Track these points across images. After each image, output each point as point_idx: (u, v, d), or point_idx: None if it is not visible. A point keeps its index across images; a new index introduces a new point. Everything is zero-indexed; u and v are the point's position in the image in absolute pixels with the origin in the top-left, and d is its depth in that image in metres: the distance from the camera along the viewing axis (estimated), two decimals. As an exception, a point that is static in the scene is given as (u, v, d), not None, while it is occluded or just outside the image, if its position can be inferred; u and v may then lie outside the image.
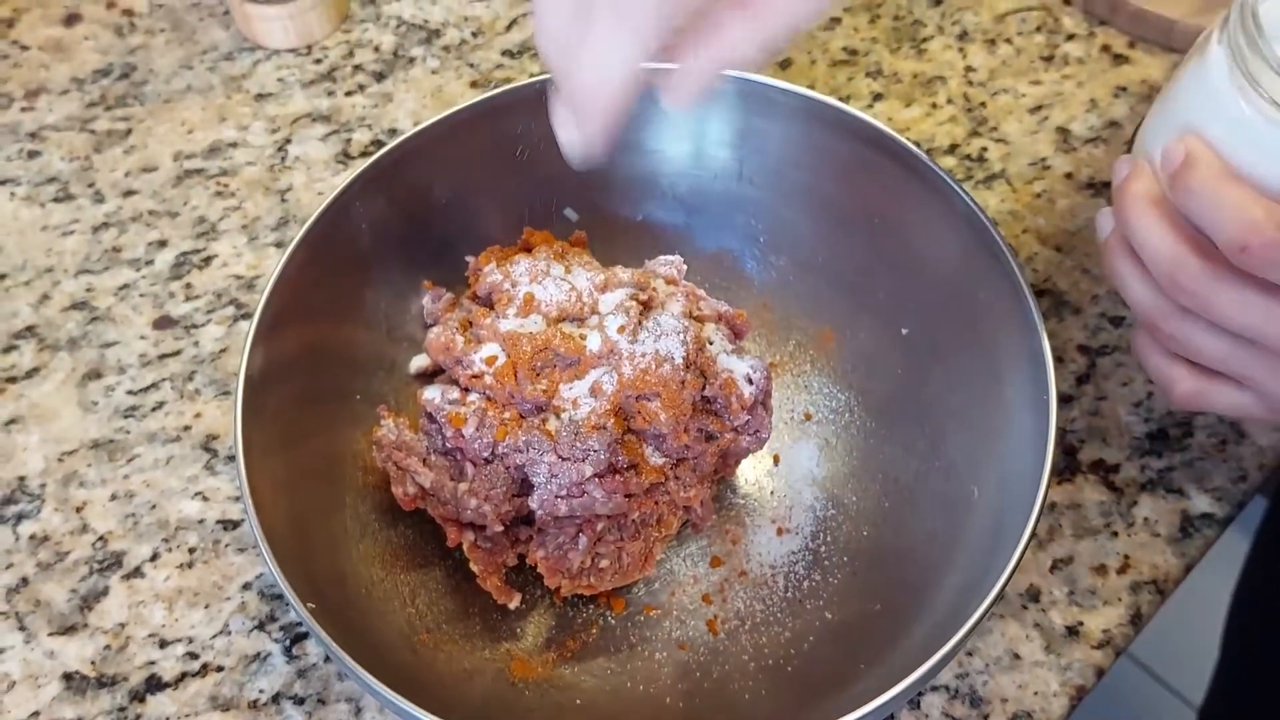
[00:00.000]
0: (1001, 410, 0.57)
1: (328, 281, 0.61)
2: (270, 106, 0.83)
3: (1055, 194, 0.76)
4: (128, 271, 0.74)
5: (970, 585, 0.51)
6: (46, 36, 0.88)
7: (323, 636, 0.48)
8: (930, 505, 0.60)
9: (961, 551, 0.55)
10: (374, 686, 0.47)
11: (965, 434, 0.59)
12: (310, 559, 0.53)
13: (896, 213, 0.63)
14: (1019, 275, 0.57)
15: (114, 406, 0.69)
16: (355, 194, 0.62)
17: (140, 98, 0.84)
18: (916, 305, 0.64)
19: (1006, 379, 0.57)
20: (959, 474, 0.59)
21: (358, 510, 0.60)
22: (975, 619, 0.48)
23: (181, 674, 0.59)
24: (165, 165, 0.80)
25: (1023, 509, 0.51)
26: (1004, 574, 0.49)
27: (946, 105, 0.81)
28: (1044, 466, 0.52)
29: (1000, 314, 0.58)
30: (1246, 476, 0.64)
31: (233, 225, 0.76)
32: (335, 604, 0.52)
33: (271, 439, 0.55)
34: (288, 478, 0.56)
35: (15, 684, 0.59)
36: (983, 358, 0.59)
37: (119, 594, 0.62)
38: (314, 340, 0.61)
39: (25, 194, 0.78)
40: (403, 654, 0.55)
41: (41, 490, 0.65)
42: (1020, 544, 0.50)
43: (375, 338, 0.64)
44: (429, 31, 0.87)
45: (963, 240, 0.60)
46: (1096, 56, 0.83)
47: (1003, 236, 0.58)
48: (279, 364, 0.57)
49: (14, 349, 0.71)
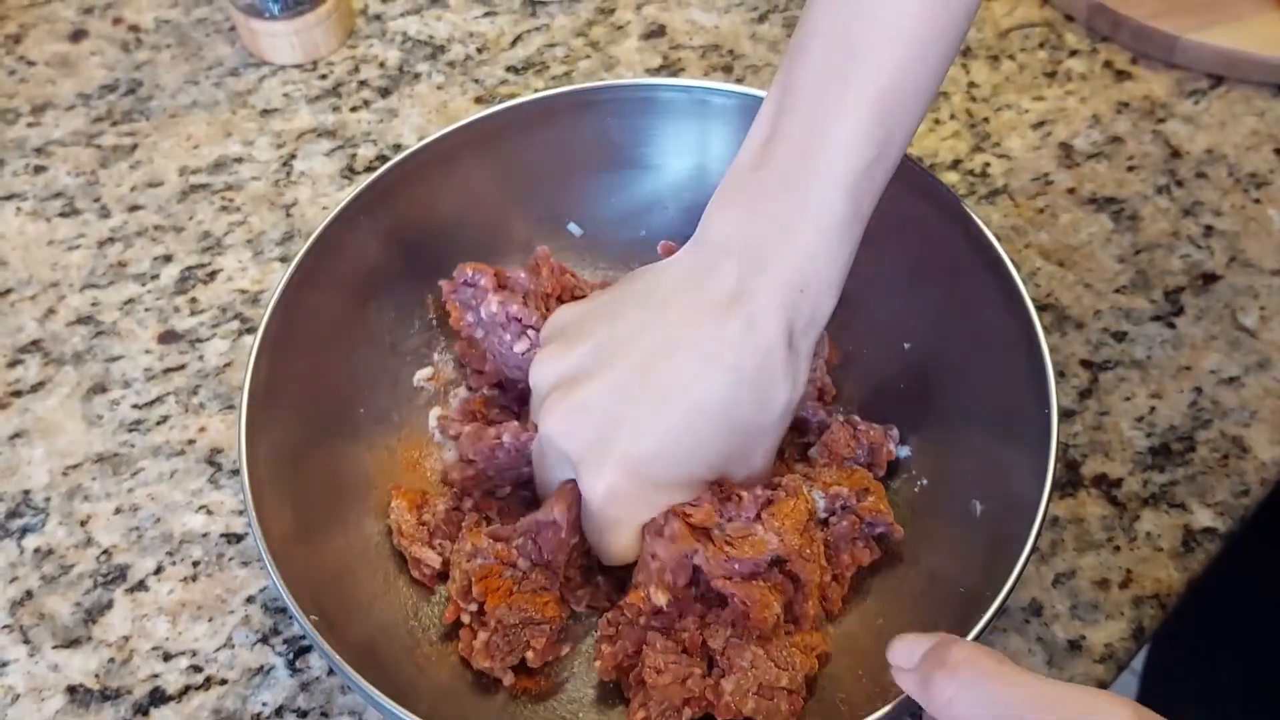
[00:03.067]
0: (1003, 424, 0.57)
1: (331, 296, 0.62)
2: (276, 122, 0.83)
3: (1058, 209, 0.76)
4: (133, 286, 0.75)
5: (972, 599, 0.51)
6: (53, 52, 0.89)
7: (326, 649, 0.48)
8: (932, 519, 0.60)
9: (963, 565, 0.56)
10: (377, 699, 0.47)
11: (967, 447, 0.59)
12: (313, 572, 0.53)
13: (899, 227, 0.64)
14: (1022, 291, 0.57)
15: (119, 420, 0.69)
16: (359, 208, 0.62)
17: (146, 113, 0.84)
18: (919, 320, 0.64)
19: (1009, 393, 0.57)
20: (960, 488, 0.59)
21: (360, 524, 0.60)
22: (976, 632, 0.49)
23: (185, 687, 0.59)
24: (171, 180, 0.80)
25: (1024, 523, 0.51)
26: (1005, 587, 0.49)
27: (949, 121, 0.81)
28: (1045, 481, 0.52)
29: (1003, 330, 0.58)
30: (1249, 491, 0.64)
31: (238, 240, 0.77)
32: (337, 617, 0.52)
33: (276, 453, 0.55)
34: (291, 492, 0.56)
35: (19, 697, 0.59)
36: (985, 372, 0.59)
37: (123, 607, 0.62)
38: (318, 355, 0.61)
39: (31, 209, 0.79)
40: (406, 668, 0.55)
41: (46, 504, 0.66)
42: (1021, 558, 0.50)
43: (379, 351, 0.65)
44: (434, 47, 0.88)
45: (966, 256, 0.60)
46: (1099, 72, 0.84)
47: (1007, 253, 0.58)
48: (283, 378, 0.58)
49: (19, 363, 0.71)
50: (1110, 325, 0.71)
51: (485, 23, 0.89)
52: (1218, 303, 0.71)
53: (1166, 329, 0.70)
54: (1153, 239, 0.74)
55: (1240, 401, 0.67)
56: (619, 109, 0.68)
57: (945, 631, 0.45)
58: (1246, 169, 0.77)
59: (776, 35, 0.87)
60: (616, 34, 0.88)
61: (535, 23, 0.89)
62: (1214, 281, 0.72)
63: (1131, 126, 0.80)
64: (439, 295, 0.65)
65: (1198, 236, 0.74)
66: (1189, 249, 0.74)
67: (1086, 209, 0.76)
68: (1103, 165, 0.78)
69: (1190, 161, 0.78)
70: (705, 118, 0.67)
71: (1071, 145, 0.80)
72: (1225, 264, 0.73)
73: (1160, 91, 0.82)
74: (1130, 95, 0.82)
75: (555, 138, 0.67)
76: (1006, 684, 0.39)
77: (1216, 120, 0.80)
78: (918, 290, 0.63)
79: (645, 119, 0.68)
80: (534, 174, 0.68)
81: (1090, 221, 0.75)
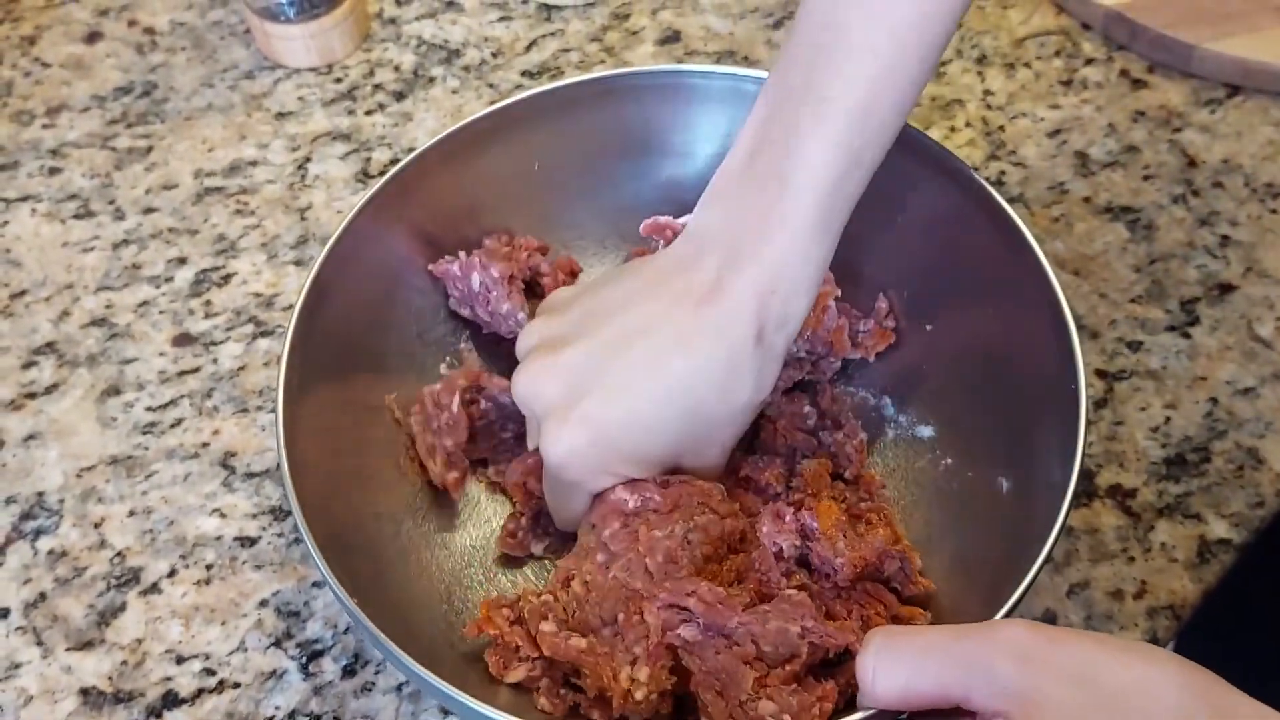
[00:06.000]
0: (1025, 433, 0.57)
1: (360, 286, 0.62)
2: (290, 125, 0.83)
3: (1073, 218, 0.76)
4: (147, 288, 0.75)
5: (986, 607, 0.51)
6: (68, 54, 0.89)
7: (374, 632, 0.49)
8: (957, 499, 0.60)
9: (979, 572, 0.55)
10: (434, 683, 0.47)
11: (989, 453, 0.59)
12: (351, 561, 0.53)
13: (918, 204, 0.64)
14: (1060, 298, 0.57)
15: (133, 423, 0.69)
16: (386, 198, 0.62)
17: (161, 115, 0.84)
18: (939, 300, 0.64)
19: (1034, 402, 0.57)
20: (987, 466, 0.59)
21: (393, 516, 0.60)
22: (1009, 607, 0.49)
23: (198, 690, 0.59)
24: (185, 183, 0.80)
25: (1041, 531, 0.51)
26: (1014, 596, 0.49)
27: (965, 129, 0.81)
28: (1067, 490, 0.51)
29: (1037, 342, 0.58)
30: (1264, 502, 0.64)
31: (252, 243, 0.77)
32: (376, 603, 0.52)
33: (310, 444, 0.55)
34: (327, 483, 0.56)
35: (32, 699, 0.59)
36: (1012, 383, 0.59)
37: (136, 610, 0.62)
38: (347, 346, 0.61)
39: (46, 210, 0.79)
40: (444, 650, 0.55)
41: (60, 506, 0.66)
42: (1034, 566, 0.50)
43: (406, 340, 0.65)
44: (449, 51, 0.88)
45: (988, 234, 0.60)
46: (1115, 81, 0.84)
47: (1048, 261, 0.58)
48: (315, 369, 0.58)
49: (34, 365, 0.71)
50: (1125, 335, 0.70)
51: (500, 27, 0.89)
52: (1233, 313, 0.71)
53: (1182, 339, 0.70)
54: (1168, 249, 0.74)
55: (1256, 412, 0.67)
56: (638, 96, 0.68)
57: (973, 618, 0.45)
58: (1263, 179, 0.77)
59: (791, 42, 0.87)
60: (631, 39, 0.88)
61: (550, 28, 0.89)
62: (1230, 292, 0.72)
63: (1148, 136, 0.80)
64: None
65: (1214, 246, 0.74)
66: (1205, 259, 0.74)
67: (1102, 218, 0.76)
68: (1119, 174, 0.78)
69: (1206, 171, 0.78)
70: (737, 104, 0.67)
71: (1087, 154, 0.79)
72: (1241, 274, 0.73)
73: (1177, 101, 0.82)
74: (1146, 104, 0.82)
75: (575, 126, 0.68)
76: (914, 635, 0.42)
77: (1233, 130, 0.80)
78: (950, 280, 0.64)
79: (665, 106, 0.68)
80: (555, 162, 0.68)
81: (1106, 231, 0.75)
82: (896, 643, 0.42)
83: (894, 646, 0.42)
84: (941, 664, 0.41)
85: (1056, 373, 0.55)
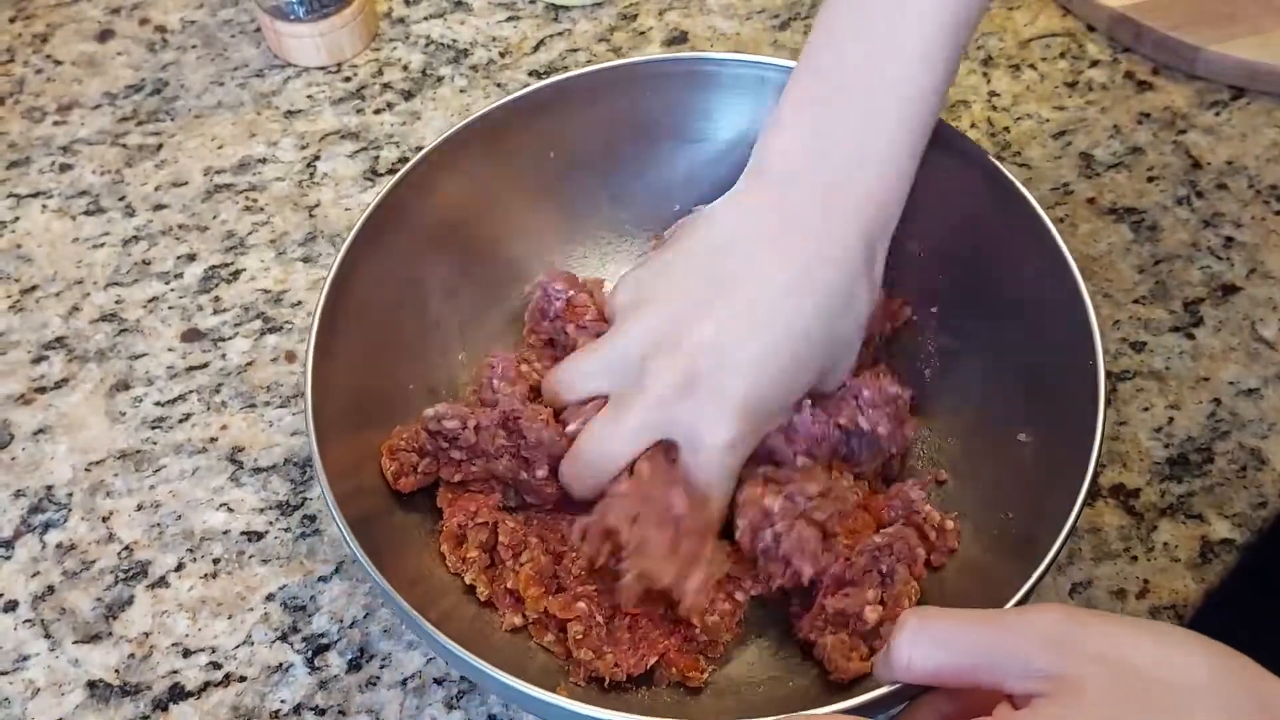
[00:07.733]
0: (1039, 433, 0.58)
1: (382, 274, 0.62)
2: (299, 123, 0.84)
3: (1078, 219, 0.76)
4: (157, 284, 0.75)
5: (988, 606, 0.51)
6: (80, 51, 0.89)
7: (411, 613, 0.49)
8: (978, 455, 0.61)
9: (986, 570, 0.56)
10: (473, 663, 0.48)
11: (1001, 455, 0.60)
12: (375, 548, 0.54)
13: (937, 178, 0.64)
14: (1088, 307, 0.57)
15: (141, 418, 0.69)
16: (407, 188, 0.63)
17: (171, 113, 0.85)
18: (976, 321, 0.64)
19: (1054, 399, 0.57)
20: (991, 494, 0.59)
21: (411, 499, 0.60)
22: (1031, 583, 0.49)
23: (204, 684, 0.60)
24: (195, 180, 0.81)
25: (1050, 532, 0.51)
26: (1017, 595, 0.49)
27: (970, 130, 0.81)
28: (1080, 492, 0.51)
29: (1062, 342, 0.58)
30: (1266, 503, 0.64)
31: (261, 240, 0.77)
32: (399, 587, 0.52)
33: (335, 431, 0.56)
34: (352, 473, 0.56)
35: (40, 691, 0.60)
36: (1034, 378, 0.59)
37: (144, 603, 0.62)
38: (369, 333, 0.61)
39: (57, 206, 0.80)
40: (468, 636, 0.55)
41: (69, 499, 0.66)
42: (1041, 566, 0.50)
43: (425, 328, 0.65)
44: (457, 51, 0.88)
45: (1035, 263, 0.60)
46: (1120, 83, 0.84)
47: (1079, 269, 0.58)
48: (339, 356, 0.58)
49: (44, 359, 0.72)
50: (1129, 335, 0.71)
51: (508, 27, 0.90)
52: (1237, 314, 0.71)
53: (1185, 340, 0.70)
54: (1172, 250, 0.74)
55: (1259, 413, 0.67)
56: (658, 84, 0.68)
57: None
58: (1267, 180, 0.77)
59: (797, 43, 0.87)
60: (638, 39, 0.88)
61: (558, 28, 0.89)
62: (1233, 293, 0.72)
63: (1152, 137, 0.80)
64: (478, 276, 0.67)
65: (1218, 248, 0.74)
66: (1209, 260, 0.74)
67: (1106, 219, 0.76)
68: (1123, 175, 0.78)
69: (1211, 173, 0.78)
70: (760, 92, 0.67)
71: (1092, 155, 0.80)
72: (1245, 275, 0.73)
73: (1181, 102, 0.82)
74: (1151, 106, 0.82)
75: (596, 113, 0.68)
76: (950, 619, 0.42)
77: (1237, 132, 0.80)
78: (974, 279, 0.64)
79: (689, 91, 0.68)
80: (575, 149, 0.68)
81: (1110, 232, 0.75)
82: (931, 624, 0.42)
83: (929, 628, 0.42)
84: (976, 646, 0.41)
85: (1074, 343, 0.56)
